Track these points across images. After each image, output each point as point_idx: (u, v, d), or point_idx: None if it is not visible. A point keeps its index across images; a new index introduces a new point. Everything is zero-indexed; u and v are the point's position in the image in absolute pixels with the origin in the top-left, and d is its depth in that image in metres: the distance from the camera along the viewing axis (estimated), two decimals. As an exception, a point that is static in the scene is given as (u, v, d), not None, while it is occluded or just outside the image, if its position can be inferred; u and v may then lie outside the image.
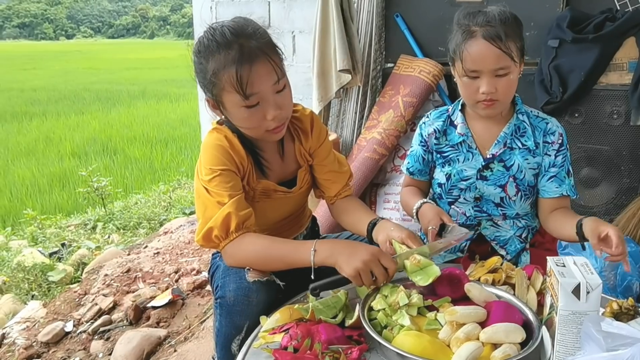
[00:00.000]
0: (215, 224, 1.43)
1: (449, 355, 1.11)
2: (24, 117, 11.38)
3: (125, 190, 6.37)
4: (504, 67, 1.58)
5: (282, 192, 1.61)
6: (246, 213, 1.46)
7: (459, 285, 1.30)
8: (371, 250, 1.32)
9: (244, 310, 1.40)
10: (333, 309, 1.31)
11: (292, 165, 1.66)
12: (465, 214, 1.84)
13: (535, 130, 1.75)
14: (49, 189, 6.66)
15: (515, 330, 1.12)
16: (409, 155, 1.90)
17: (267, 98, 1.41)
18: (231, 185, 1.46)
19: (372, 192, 2.79)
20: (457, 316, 1.16)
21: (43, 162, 7.82)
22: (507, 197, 1.77)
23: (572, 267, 1.02)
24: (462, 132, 1.78)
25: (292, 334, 1.20)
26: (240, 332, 1.40)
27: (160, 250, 3.62)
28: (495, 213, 1.81)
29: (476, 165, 1.77)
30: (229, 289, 1.42)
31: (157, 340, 2.53)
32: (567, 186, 1.76)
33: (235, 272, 1.46)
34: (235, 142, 1.51)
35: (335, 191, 1.74)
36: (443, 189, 1.84)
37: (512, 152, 1.75)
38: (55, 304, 3.17)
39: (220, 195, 1.44)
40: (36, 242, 4.61)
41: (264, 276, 1.43)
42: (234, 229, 1.44)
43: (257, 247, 1.45)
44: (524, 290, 1.35)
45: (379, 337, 1.12)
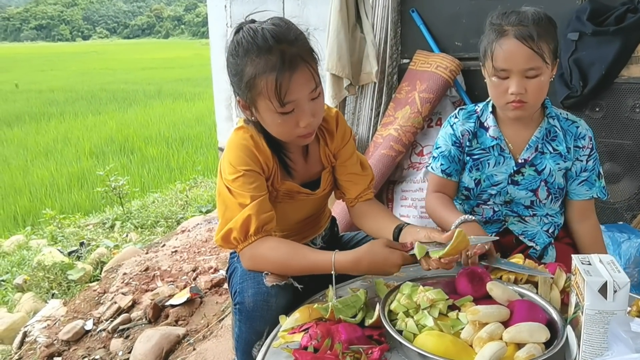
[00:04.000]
0: (234, 226, 1.42)
1: (471, 355, 1.09)
2: (42, 117, 11.52)
3: (143, 189, 6.41)
4: (535, 68, 1.54)
5: (305, 194, 1.60)
6: (267, 216, 1.44)
7: (481, 283, 1.28)
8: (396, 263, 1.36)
9: (263, 316, 1.38)
10: (352, 308, 1.29)
11: (316, 166, 1.63)
12: (493, 209, 1.81)
13: (566, 135, 1.73)
14: (68, 188, 6.73)
15: (540, 329, 1.09)
16: (440, 157, 1.82)
17: (303, 106, 1.39)
18: (254, 186, 1.44)
19: (389, 189, 2.77)
20: (480, 315, 1.14)
21: (61, 162, 7.91)
22: (537, 200, 1.76)
23: (598, 265, 1.00)
24: (495, 136, 1.74)
25: (312, 333, 1.19)
26: (261, 338, 1.38)
27: (178, 249, 3.64)
28: (524, 213, 1.80)
29: (508, 170, 1.75)
30: (248, 294, 1.40)
31: (176, 339, 2.54)
32: (597, 189, 1.76)
33: (253, 276, 1.43)
34: (261, 142, 1.48)
35: (356, 193, 1.70)
36: (472, 193, 1.81)
37: (544, 156, 1.73)
38: (75, 302, 3.20)
39: (243, 197, 1.42)
40: (55, 241, 4.66)
41: (282, 280, 1.41)
42: (253, 232, 1.42)
43: (278, 255, 1.43)
44: (547, 288, 1.33)
45: (400, 337, 1.10)
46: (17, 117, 11.57)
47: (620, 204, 2.68)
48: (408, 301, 1.22)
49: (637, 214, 2.61)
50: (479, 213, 1.84)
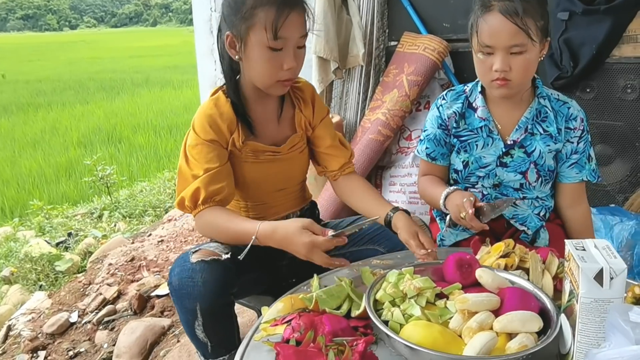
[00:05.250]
0: (186, 195, 1.51)
1: (460, 346, 1.04)
2: (29, 108, 11.40)
3: (131, 179, 6.37)
4: (519, 45, 1.50)
5: (271, 153, 1.62)
6: (218, 188, 1.51)
7: (470, 271, 1.22)
8: (304, 243, 1.34)
9: (190, 293, 1.36)
10: (337, 298, 1.24)
11: (287, 131, 1.67)
12: (482, 193, 1.77)
13: (557, 116, 1.69)
14: (56, 179, 6.66)
15: (532, 318, 1.04)
16: (426, 140, 1.80)
17: (290, 48, 1.46)
18: (210, 157, 1.51)
19: (378, 175, 2.72)
20: (469, 304, 1.08)
21: (49, 153, 7.82)
22: (527, 183, 1.72)
23: (593, 250, 0.94)
24: (484, 117, 1.70)
25: (295, 325, 1.14)
26: (196, 317, 1.38)
27: (164, 238, 3.58)
28: (514, 196, 1.75)
29: (496, 152, 1.71)
30: (174, 273, 1.40)
31: (161, 330, 2.48)
32: (587, 172, 1.72)
33: (181, 257, 1.44)
34: (225, 107, 1.55)
35: (338, 165, 1.74)
36: (460, 175, 1.77)
37: (533, 137, 1.69)
38: (60, 294, 3.14)
39: (197, 168, 1.51)
40: (43, 232, 4.61)
41: (209, 256, 1.41)
42: (201, 202, 1.50)
43: (217, 222, 1.50)
44: (539, 274, 1.28)
45: (385, 328, 1.05)
46: (4, 108, 11.42)
47: (612, 186, 2.64)
48: (394, 290, 1.16)
49: (629, 196, 2.58)
50: None
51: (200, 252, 1.43)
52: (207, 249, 1.45)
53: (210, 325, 1.40)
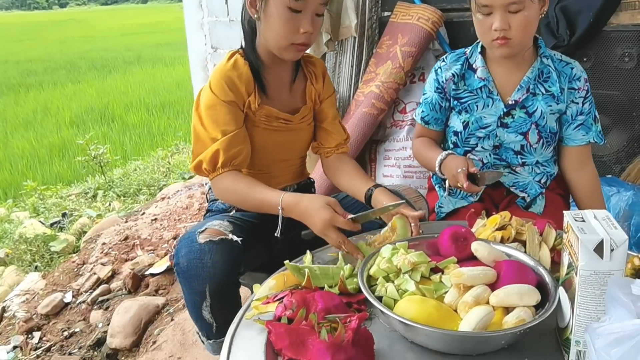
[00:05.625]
0: (204, 158, 1.51)
1: (456, 321, 1.01)
2: (20, 88, 11.30)
3: (124, 157, 6.34)
4: (517, 2, 1.48)
5: (284, 121, 1.63)
6: (236, 151, 1.51)
7: (465, 244, 1.18)
8: (323, 218, 1.34)
9: (199, 274, 1.35)
10: (331, 278, 1.21)
11: (298, 101, 1.69)
12: (482, 161, 1.75)
13: (560, 76, 1.66)
14: (49, 159, 6.62)
15: (529, 292, 1.02)
16: (423, 103, 1.81)
17: (309, 12, 1.48)
18: (228, 118, 1.51)
19: (372, 149, 2.67)
20: (464, 278, 1.05)
21: (41, 133, 7.76)
22: (528, 144, 1.70)
23: (593, 221, 0.91)
24: (483, 77, 1.68)
25: (287, 303, 1.11)
26: (205, 298, 1.37)
27: (158, 217, 3.55)
28: (514, 161, 1.74)
29: (497, 112, 1.69)
30: (181, 254, 1.37)
31: (155, 309, 2.47)
32: (594, 133, 1.70)
33: (187, 236, 1.41)
34: (243, 68, 1.56)
35: (334, 143, 1.75)
36: (459, 137, 1.75)
37: (535, 98, 1.67)
38: (54, 275, 3.12)
39: (214, 131, 1.50)
40: (38, 213, 4.60)
41: (216, 235, 1.39)
42: (220, 165, 1.50)
43: (237, 187, 1.51)
44: (536, 247, 1.25)
45: (379, 304, 1.02)
46: (-5, 89, 11.31)
47: (608, 157, 2.61)
48: (388, 265, 1.13)
49: (625, 166, 2.55)
50: None
51: (207, 231, 1.40)
52: (214, 228, 1.42)
53: (217, 306, 1.38)
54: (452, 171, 1.58)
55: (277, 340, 1.03)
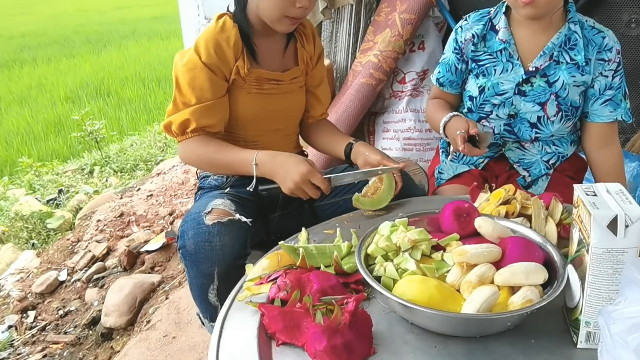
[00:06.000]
0: (174, 121, 1.47)
1: (459, 301, 0.96)
2: (14, 64, 11.13)
3: (120, 133, 6.30)
4: None
5: (275, 82, 1.57)
6: (209, 123, 1.47)
7: (468, 220, 1.12)
8: (301, 171, 1.37)
9: (208, 257, 1.30)
10: (328, 257, 1.15)
11: (290, 64, 1.64)
12: (493, 130, 1.66)
13: (588, 45, 1.55)
14: (44, 135, 6.55)
15: (536, 270, 0.96)
16: (440, 64, 1.74)
17: None
18: (206, 86, 1.45)
19: (370, 121, 2.60)
20: (468, 256, 0.99)
21: (36, 109, 7.66)
22: (545, 116, 1.60)
23: (605, 195, 0.85)
24: (504, 39, 1.58)
25: (281, 284, 1.05)
26: (212, 281, 1.32)
27: (153, 193, 3.49)
28: (526, 136, 1.64)
29: (515, 79, 1.59)
30: (188, 236, 1.32)
31: (150, 287, 2.43)
32: (622, 110, 1.58)
33: (193, 217, 1.35)
34: (232, 31, 1.49)
35: (320, 111, 1.74)
36: (474, 102, 1.66)
37: (558, 66, 1.56)
38: (49, 252, 3.08)
39: (189, 95, 1.45)
40: (34, 190, 4.56)
41: (224, 216, 1.33)
42: (190, 130, 1.47)
43: (206, 150, 1.48)
44: (542, 222, 1.19)
45: (377, 285, 0.96)
46: (-12, 65, 11.16)
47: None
48: (387, 243, 1.07)
49: (630, 136, 2.48)
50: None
51: (214, 212, 1.35)
52: (219, 209, 1.37)
53: (224, 288, 1.32)
54: (452, 134, 1.53)
55: (270, 323, 0.97)
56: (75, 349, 2.31)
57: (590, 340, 0.90)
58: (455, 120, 1.56)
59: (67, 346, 2.34)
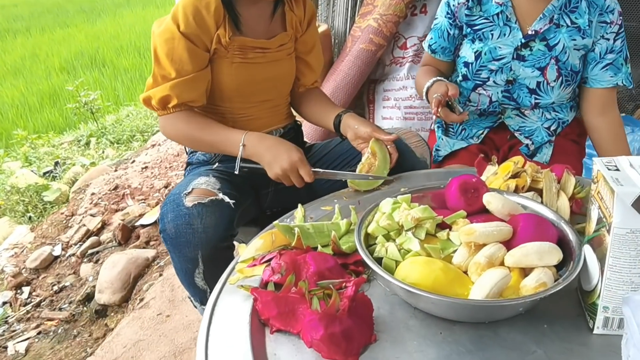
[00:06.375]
0: (154, 95, 1.38)
1: (467, 285, 0.89)
2: (7, 34, 11.04)
3: (116, 103, 6.26)
4: None
5: (260, 50, 1.46)
6: (190, 98, 1.39)
7: (476, 196, 1.04)
8: (291, 160, 1.32)
9: (190, 241, 1.22)
10: (326, 236, 1.08)
11: (278, 29, 1.52)
12: (490, 98, 1.59)
13: (590, 7, 1.48)
14: (40, 107, 6.49)
15: (550, 250, 0.88)
16: (432, 30, 1.67)
17: None
18: (185, 57, 1.34)
19: (370, 89, 2.50)
20: (476, 235, 0.92)
21: (31, 80, 7.58)
22: (545, 82, 1.53)
23: (629, 170, 0.77)
24: (501, 1, 1.51)
25: (275, 266, 0.98)
26: (197, 265, 1.24)
27: (148, 165, 3.42)
28: (525, 102, 1.58)
29: (513, 43, 1.53)
30: (168, 219, 1.24)
31: (144, 263, 2.37)
32: (623, 75, 1.53)
33: (173, 199, 1.27)
34: None
35: (312, 80, 1.65)
36: (470, 69, 1.59)
37: (559, 29, 1.50)
38: (43, 227, 3.03)
39: (168, 67, 1.35)
40: (30, 162, 4.52)
41: (205, 196, 1.26)
42: (171, 106, 1.39)
43: (189, 127, 1.40)
44: (554, 196, 1.12)
45: (378, 268, 0.89)
46: (-20, 37, 11.01)
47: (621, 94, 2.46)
48: (389, 222, 0.99)
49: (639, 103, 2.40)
50: (474, 102, 1.63)
51: (194, 193, 1.27)
52: (201, 188, 1.29)
53: (211, 271, 1.27)
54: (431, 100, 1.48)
55: (263, 309, 0.91)
56: (69, 326, 2.27)
57: (608, 326, 0.83)
58: (437, 85, 1.52)
59: (61, 323, 2.29)
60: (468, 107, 1.67)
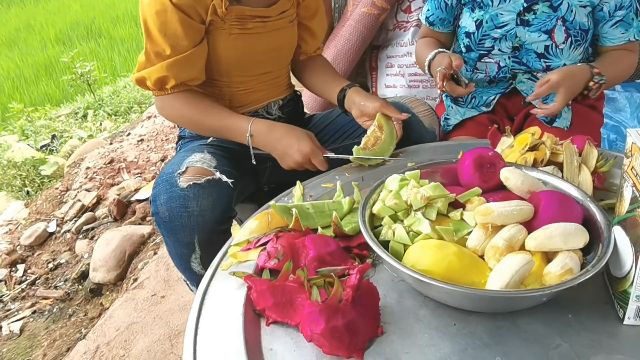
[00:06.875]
0: (149, 76, 1.27)
1: (483, 271, 0.80)
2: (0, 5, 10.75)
3: (113, 74, 6.16)
4: None
5: (260, 19, 1.34)
6: (189, 77, 1.29)
7: (493, 171, 0.94)
8: (303, 151, 1.24)
9: (185, 225, 1.13)
10: (328, 216, 0.99)
11: None
12: (498, 65, 1.50)
13: None
14: (35, 79, 6.38)
15: (576, 232, 0.79)
16: (429, 1, 1.59)
17: None
18: (179, 31, 1.22)
19: (372, 56, 2.39)
20: (494, 216, 0.82)
21: (26, 52, 7.44)
22: (553, 45, 1.43)
23: (672, 142, 0.68)
24: None
25: (271, 250, 0.90)
26: (194, 250, 1.16)
27: (144, 137, 3.32)
28: (537, 66, 1.47)
29: (515, 8, 1.44)
30: (161, 201, 1.15)
31: (140, 240, 2.29)
32: (635, 29, 1.44)
33: (165, 178, 1.17)
34: None
35: (314, 47, 1.55)
36: (472, 39, 1.51)
37: None
38: (37, 203, 2.95)
39: (162, 44, 1.23)
40: (27, 136, 4.46)
41: (201, 176, 1.16)
42: (169, 87, 1.29)
43: (191, 110, 1.31)
44: (575, 170, 1.02)
45: (385, 254, 0.80)
46: (-29, 8, 10.82)
47: (637, 58, 2.33)
48: (396, 201, 0.90)
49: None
50: (482, 70, 1.54)
51: (189, 172, 1.18)
52: (196, 167, 1.19)
53: (208, 256, 1.16)
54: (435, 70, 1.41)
55: (258, 299, 0.83)
56: (65, 305, 2.20)
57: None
58: (440, 57, 1.44)
59: (56, 302, 2.23)
60: (476, 75, 1.57)
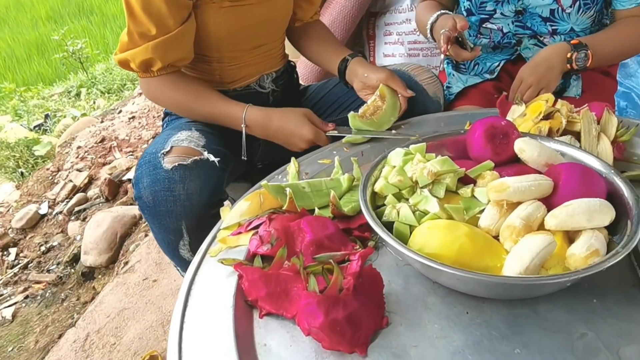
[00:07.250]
0: (132, 58, 1.17)
1: (499, 253, 0.72)
2: (-12, -16, 10.59)
3: (106, 52, 6.03)
4: None
5: None
6: (176, 59, 1.20)
7: (506, 142, 0.86)
8: (305, 138, 1.18)
9: (172, 210, 1.04)
10: (325, 195, 0.91)
11: None
12: (502, 30, 1.40)
13: None
14: (27, 58, 6.26)
15: (601, 208, 0.71)
16: None
17: None
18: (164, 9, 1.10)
19: (370, 23, 2.28)
20: (509, 192, 0.74)
21: (17, 30, 7.30)
22: (559, 8, 1.33)
23: None
24: None
25: (263, 234, 0.82)
26: (181, 236, 1.07)
27: (135, 115, 3.22)
28: (542, 30, 1.38)
29: None
30: (144, 184, 1.06)
31: (131, 221, 2.21)
32: None
33: (148, 159, 1.08)
34: None
35: (309, 14, 1.44)
36: (473, 2, 1.41)
37: None
38: (28, 184, 2.87)
39: (147, 23, 1.12)
40: (19, 116, 4.37)
41: (188, 156, 1.07)
42: (156, 70, 1.19)
43: (179, 95, 1.23)
44: (594, 139, 0.94)
45: (389, 237, 0.72)
46: (-42, -14, 10.65)
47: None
48: (400, 178, 0.82)
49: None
50: (486, 35, 1.45)
51: (175, 152, 1.08)
52: (181, 146, 1.10)
53: (199, 242, 1.08)
54: (437, 33, 1.31)
55: (250, 288, 0.75)
56: (57, 289, 2.14)
57: (675, 301, 0.67)
58: (443, 19, 1.33)
59: (49, 286, 2.17)
60: (480, 41, 1.48)
